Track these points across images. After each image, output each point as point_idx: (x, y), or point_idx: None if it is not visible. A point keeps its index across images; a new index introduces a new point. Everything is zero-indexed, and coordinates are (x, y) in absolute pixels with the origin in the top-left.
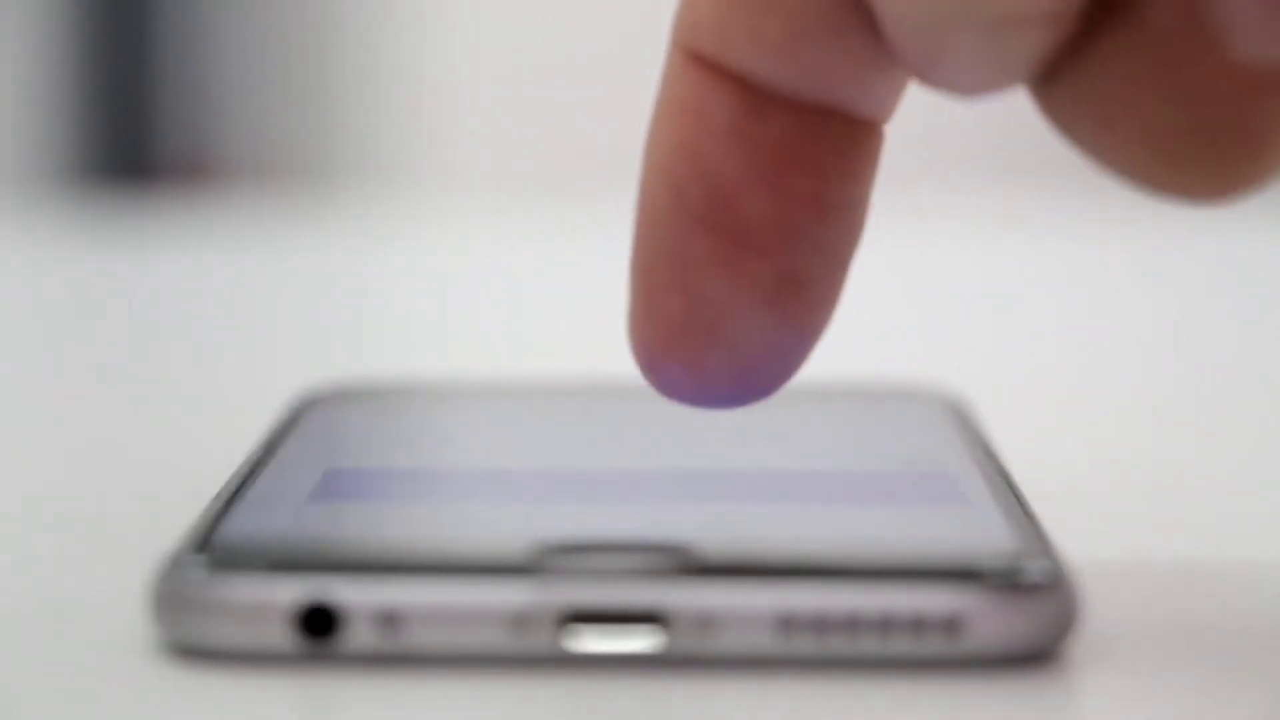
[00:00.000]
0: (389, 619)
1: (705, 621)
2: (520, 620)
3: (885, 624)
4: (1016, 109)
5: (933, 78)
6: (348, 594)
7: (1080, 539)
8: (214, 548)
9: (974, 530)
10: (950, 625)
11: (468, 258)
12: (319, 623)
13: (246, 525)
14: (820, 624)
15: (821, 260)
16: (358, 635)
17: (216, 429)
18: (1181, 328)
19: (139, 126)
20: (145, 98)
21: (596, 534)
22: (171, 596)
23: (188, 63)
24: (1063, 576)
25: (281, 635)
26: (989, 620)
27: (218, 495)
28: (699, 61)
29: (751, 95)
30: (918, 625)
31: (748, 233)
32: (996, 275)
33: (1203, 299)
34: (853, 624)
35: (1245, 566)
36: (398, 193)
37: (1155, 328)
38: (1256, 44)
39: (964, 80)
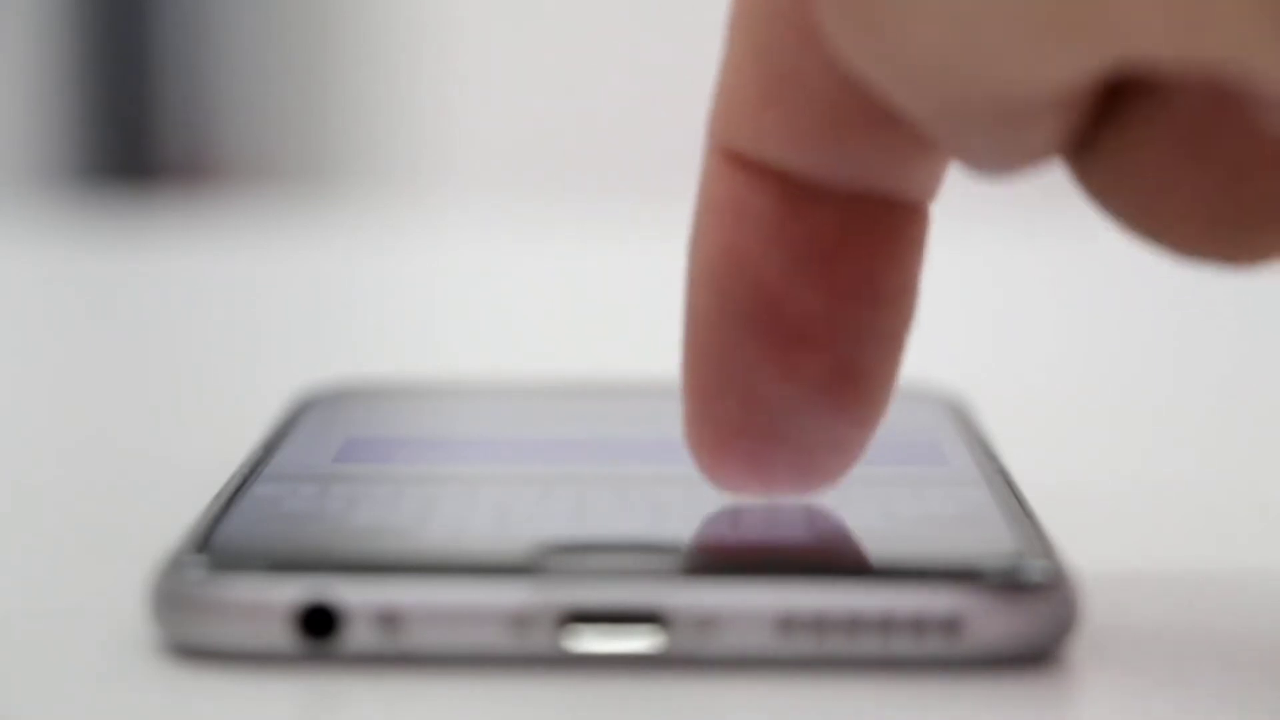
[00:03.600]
0: (389, 619)
1: (705, 621)
2: (520, 620)
3: (885, 624)
4: None
5: (962, 161)
6: (348, 594)
7: (1080, 539)
8: (214, 548)
9: (974, 530)
10: (950, 625)
11: (467, 258)
12: (319, 623)
13: (246, 525)
14: (820, 624)
15: (874, 349)
16: (358, 635)
17: (216, 429)
18: (1182, 329)
19: (139, 126)
20: (145, 98)
21: (596, 534)
22: (171, 596)
23: (188, 63)
24: (1063, 576)
25: (281, 635)
26: (989, 620)
27: (218, 495)
28: (736, 160)
29: (791, 190)
30: (918, 625)
31: (797, 330)
32: (997, 275)
33: (1205, 300)
34: (853, 624)
35: (1245, 567)
36: (397, 193)
37: (1156, 328)
38: None
39: (990, 163)
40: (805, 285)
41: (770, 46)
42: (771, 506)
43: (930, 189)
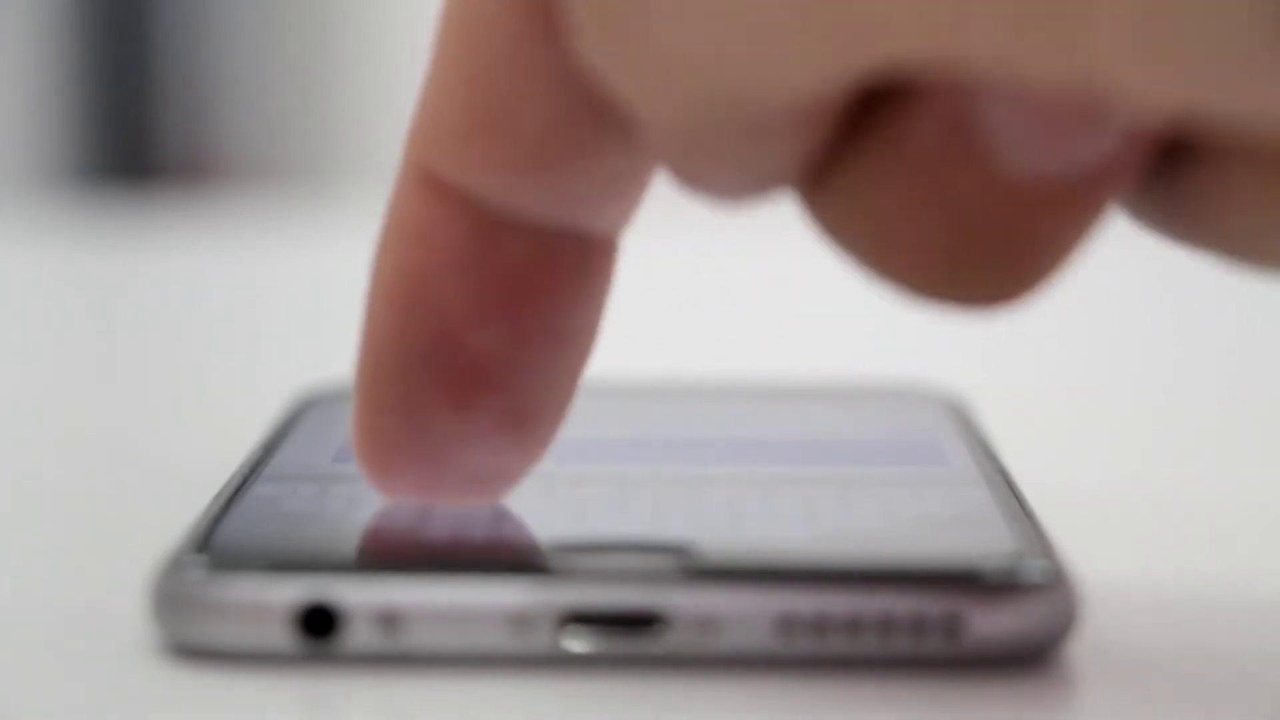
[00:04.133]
0: (389, 619)
1: (705, 621)
2: (520, 620)
3: (885, 624)
4: None
5: (691, 184)
6: (348, 594)
7: (1080, 539)
8: (214, 548)
9: (974, 530)
10: (950, 625)
11: None
12: (319, 623)
13: (246, 525)
14: (820, 624)
15: (550, 388)
16: (358, 635)
17: (216, 429)
18: (1183, 329)
19: (139, 126)
20: (145, 98)
21: (596, 534)
22: (171, 596)
23: (188, 63)
24: (1063, 576)
25: (281, 635)
26: (989, 620)
27: (218, 495)
28: (431, 182)
29: (485, 221)
30: (918, 625)
31: (474, 368)
32: None
33: (1205, 301)
34: (853, 624)
35: (1245, 567)
36: None
37: (1156, 329)
38: (1027, 157)
39: (721, 186)
40: (488, 323)
41: (484, 69)
42: (771, 506)
43: (623, 224)
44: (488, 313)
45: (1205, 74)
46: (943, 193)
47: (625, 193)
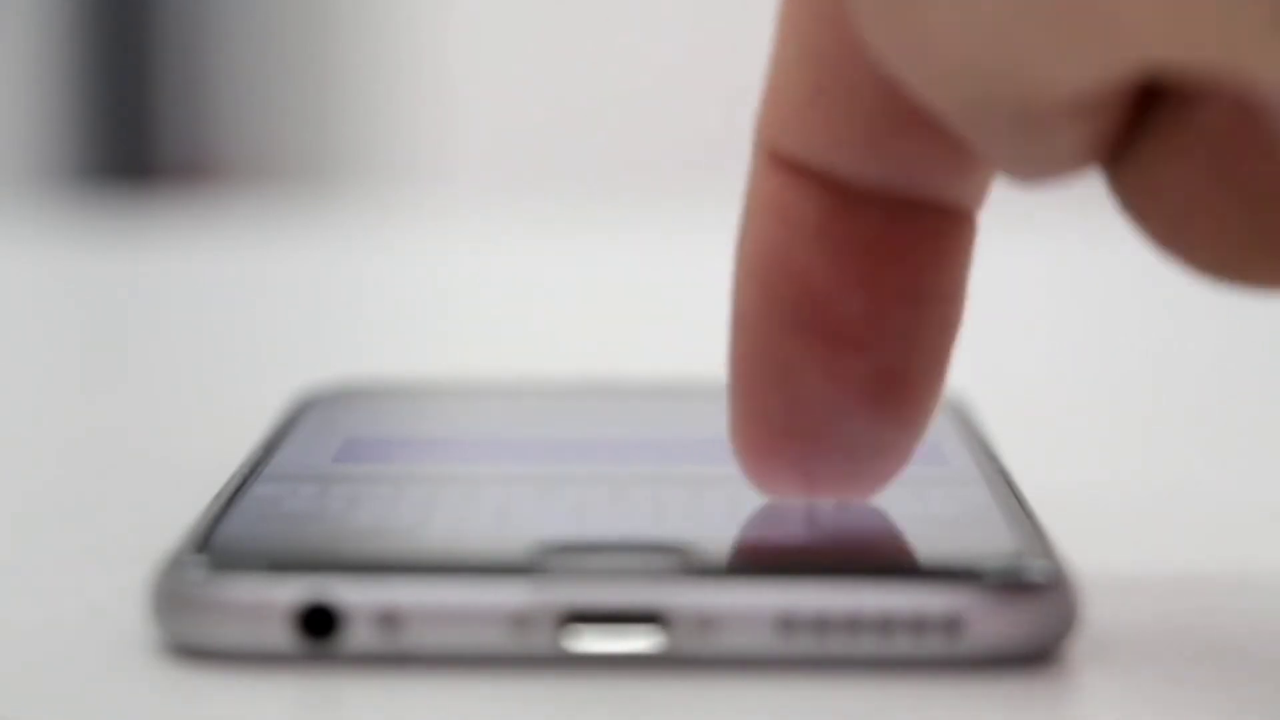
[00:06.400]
0: (389, 619)
1: (705, 621)
2: (520, 620)
3: (885, 624)
4: None
5: (997, 166)
6: (348, 594)
7: (1080, 539)
8: (214, 548)
9: (974, 530)
10: (950, 625)
11: (467, 257)
12: (319, 623)
13: (246, 525)
14: (820, 624)
15: (920, 354)
16: (358, 635)
17: (216, 429)
18: (1184, 329)
19: (139, 126)
20: (145, 98)
21: (596, 534)
22: (171, 596)
23: (188, 63)
24: (1063, 576)
25: (281, 635)
26: (989, 620)
27: (218, 495)
28: (782, 162)
29: (838, 193)
30: (918, 625)
31: (843, 330)
32: (997, 275)
33: (1206, 301)
34: (853, 624)
35: (1246, 567)
36: (397, 192)
37: (1157, 328)
38: None
39: (1022, 169)
40: (850, 286)
41: (816, 49)
42: (770, 506)
43: (977, 196)
44: (848, 276)
45: None
46: (1235, 171)
47: (969, 165)
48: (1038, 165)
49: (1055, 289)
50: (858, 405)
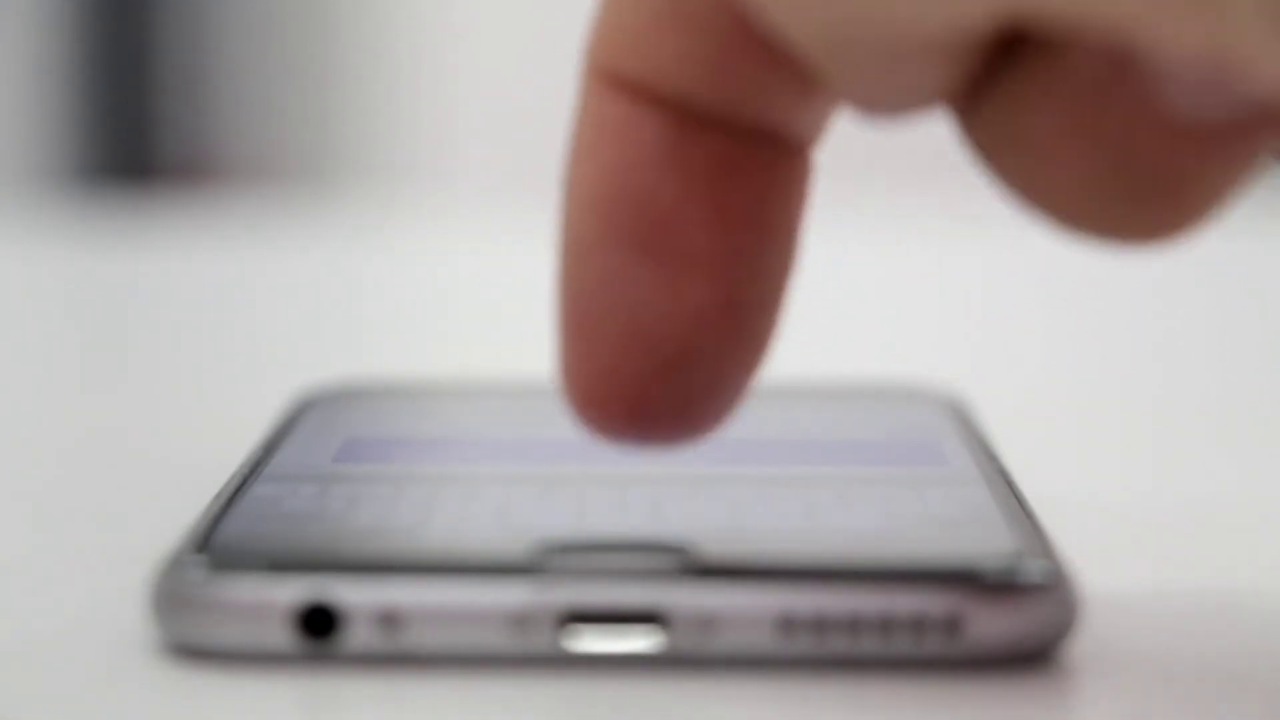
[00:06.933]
0: (389, 619)
1: (705, 621)
2: (520, 620)
3: (885, 624)
4: None
5: (848, 102)
6: (348, 594)
7: (1080, 539)
8: (214, 548)
9: (974, 530)
10: (950, 625)
11: (467, 257)
12: (319, 623)
13: (246, 525)
14: (820, 624)
15: (761, 285)
16: (358, 635)
17: (216, 429)
18: (1183, 328)
19: (139, 126)
20: (145, 98)
21: (596, 534)
22: (171, 597)
23: (188, 63)
24: (1063, 576)
25: (281, 635)
26: (989, 620)
27: (218, 495)
28: (620, 83)
29: (681, 117)
30: (918, 625)
31: (687, 253)
32: (997, 275)
33: (1205, 300)
34: (853, 624)
35: (1245, 567)
36: (397, 192)
37: (1155, 328)
38: (1194, 103)
39: (875, 105)
40: (695, 208)
41: None
42: (770, 506)
43: (814, 131)
44: (693, 198)
45: None
46: (1099, 121)
47: (813, 98)
48: (890, 102)
49: (1055, 289)
50: (699, 332)
